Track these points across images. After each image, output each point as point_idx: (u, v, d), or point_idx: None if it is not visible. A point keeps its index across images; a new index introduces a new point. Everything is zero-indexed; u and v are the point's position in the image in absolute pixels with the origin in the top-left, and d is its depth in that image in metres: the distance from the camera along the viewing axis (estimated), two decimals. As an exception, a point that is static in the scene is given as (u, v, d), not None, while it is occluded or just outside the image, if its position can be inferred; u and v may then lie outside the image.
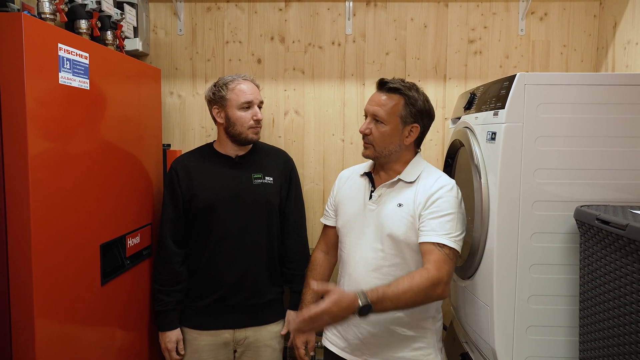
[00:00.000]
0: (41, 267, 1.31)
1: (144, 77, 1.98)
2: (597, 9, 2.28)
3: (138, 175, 1.93)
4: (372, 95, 1.61)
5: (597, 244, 1.23)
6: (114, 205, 1.72)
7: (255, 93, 1.88)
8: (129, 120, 1.84)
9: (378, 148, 1.57)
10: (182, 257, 1.92)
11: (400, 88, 1.54)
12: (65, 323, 1.43)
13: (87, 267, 1.56)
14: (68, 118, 1.43)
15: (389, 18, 2.34)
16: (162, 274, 1.92)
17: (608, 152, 1.40)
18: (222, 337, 1.90)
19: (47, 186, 1.33)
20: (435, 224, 1.45)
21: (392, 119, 1.54)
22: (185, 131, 2.43)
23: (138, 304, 1.93)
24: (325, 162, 2.42)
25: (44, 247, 1.32)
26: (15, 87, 1.22)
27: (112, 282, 1.70)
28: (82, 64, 1.48)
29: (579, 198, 1.40)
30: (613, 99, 1.38)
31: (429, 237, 1.45)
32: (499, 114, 1.45)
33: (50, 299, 1.35)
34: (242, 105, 1.85)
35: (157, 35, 2.39)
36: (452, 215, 1.47)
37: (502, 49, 2.32)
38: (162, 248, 1.93)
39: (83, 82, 1.49)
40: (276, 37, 2.38)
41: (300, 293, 1.85)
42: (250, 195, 1.88)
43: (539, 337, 1.46)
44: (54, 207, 1.37)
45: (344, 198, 1.73)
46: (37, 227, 1.29)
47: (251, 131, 1.87)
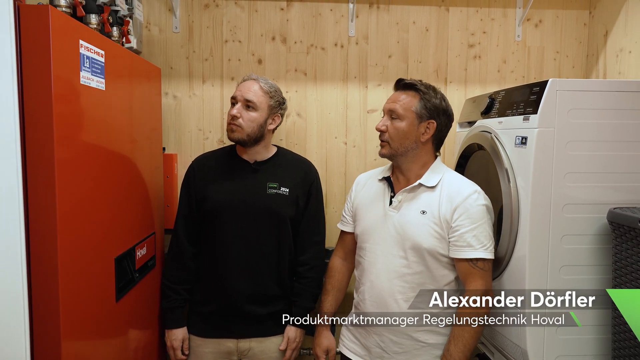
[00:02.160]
0: (66, 288, 1.19)
1: (147, 77, 1.87)
2: (587, 18, 2.39)
3: (142, 181, 1.81)
4: (391, 95, 1.62)
5: (638, 245, 1.28)
6: (124, 214, 1.61)
7: (245, 90, 1.77)
8: (136, 124, 1.73)
9: (394, 144, 1.57)
10: (193, 255, 1.86)
11: (415, 84, 1.56)
12: (84, 344, 1.32)
13: (103, 283, 1.45)
14: (88, 122, 1.32)
15: (392, 21, 2.34)
16: (172, 270, 1.86)
17: (634, 156, 1.46)
18: (225, 346, 1.83)
19: (69, 196, 1.21)
20: (470, 238, 1.47)
21: (408, 113, 1.55)
22: (181, 134, 2.31)
23: (149, 319, 1.81)
24: (327, 165, 2.38)
25: (68, 262, 1.20)
26: (42, 88, 1.10)
27: (125, 298, 1.59)
28: (99, 63, 1.37)
29: (608, 200, 1.46)
30: (638, 104, 1.44)
31: (466, 253, 1.48)
32: (530, 119, 1.48)
33: (73, 320, 1.24)
34: (231, 102, 1.80)
35: (150, 33, 2.26)
36: (483, 224, 1.49)
37: (500, 54, 2.38)
38: (175, 242, 1.87)
39: (100, 82, 1.38)
40: (277, 37, 2.31)
41: (304, 309, 1.82)
42: (261, 205, 1.80)
43: (569, 337, 1.50)
44: (76, 218, 1.25)
45: (362, 203, 1.70)
46: (63, 239, 1.17)
47: (228, 129, 1.78)
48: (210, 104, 2.31)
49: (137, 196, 1.76)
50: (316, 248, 1.92)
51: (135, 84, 1.71)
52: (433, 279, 1.54)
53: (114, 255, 1.51)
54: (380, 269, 1.58)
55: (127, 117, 1.63)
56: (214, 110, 2.31)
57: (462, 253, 1.48)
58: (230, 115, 1.75)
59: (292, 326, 1.85)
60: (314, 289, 1.86)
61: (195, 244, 1.86)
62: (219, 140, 2.33)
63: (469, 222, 1.48)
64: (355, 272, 1.73)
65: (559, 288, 1.48)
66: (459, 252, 1.49)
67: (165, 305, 1.84)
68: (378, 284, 1.58)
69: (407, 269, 1.54)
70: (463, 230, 1.48)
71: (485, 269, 1.49)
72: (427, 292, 1.51)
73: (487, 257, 1.48)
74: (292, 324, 1.85)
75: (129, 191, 1.67)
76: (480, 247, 1.47)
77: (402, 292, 1.54)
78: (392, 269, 1.55)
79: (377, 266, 1.59)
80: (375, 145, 2.37)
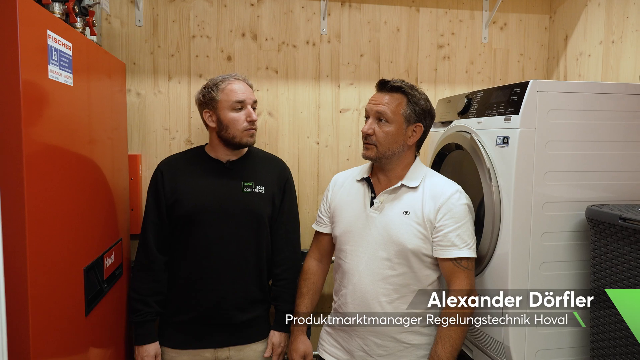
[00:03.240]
0: (36, 304, 1.08)
1: (112, 72, 1.74)
2: (547, 22, 2.48)
3: (107, 184, 1.69)
4: (373, 96, 1.58)
5: (617, 241, 1.33)
6: (92, 220, 1.49)
7: (248, 92, 1.75)
8: (102, 123, 1.61)
9: (381, 148, 1.54)
10: (164, 264, 1.76)
11: (402, 87, 1.54)
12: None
13: (72, 297, 1.33)
14: (56, 122, 1.20)
15: (364, 20, 2.32)
16: (142, 282, 1.74)
17: (610, 155, 1.52)
18: (202, 357, 1.74)
19: (38, 202, 1.10)
20: (454, 238, 1.48)
21: (397, 118, 1.53)
22: (146, 133, 2.19)
23: (117, 333, 1.69)
24: (300, 165, 2.33)
25: (38, 276, 1.09)
26: (8, 85, 0.99)
27: (94, 311, 1.47)
28: (67, 56, 1.25)
29: (584, 198, 1.51)
30: (616, 106, 1.51)
31: (450, 253, 1.48)
32: (511, 119, 1.50)
33: (43, 340, 1.12)
34: (234, 106, 1.70)
35: (111, 25, 2.12)
36: (466, 223, 1.50)
37: (468, 55, 2.43)
38: (144, 253, 1.74)
39: (68, 77, 1.26)
40: (248, 33, 2.23)
41: (285, 312, 1.76)
42: (238, 205, 1.74)
43: (549, 331, 1.54)
44: (45, 226, 1.14)
45: (341, 204, 1.67)
46: (33, 251, 1.06)
47: (246, 134, 1.73)
48: (177, 102, 2.20)
49: (103, 200, 1.63)
50: (293, 247, 1.88)
51: (101, 79, 1.59)
52: (417, 279, 1.53)
53: (82, 265, 1.39)
54: (362, 271, 1.56)
55: (94, 115, 1.51)
56: (181, 109, 2.20)
57: (447, 253, 1.49)
58: (250, 120, 1.74)
59: (277, 331, 1.79)
60: (293, 290, 1.80)
61: (166, 253, 1.76)
62: (186, 140, 2.22)
63: (453, 221, 1.49)
64: (335, 274, 1.69)
65: (540, 284, 1.53)
66: (443, 251, 1.49)
67: (135, 320, 1.72)
68: (361, 286, 1.55)
69: (391, 271, 1.52)
70: (447, 230, 1.49)
71: (469, 267, 1.50)
72: (425, 292, 1.50)
73: (470, 256, 1.49)
74: (275, 329, 1.79)
75: (95, 195, 1.55)
76: (464, 246, 1.48)
77: (386, 295, 1.52)
78: (376, 271, 1.54)
79: (360, 268, 1.56)
80: (348, 145, 2.36)
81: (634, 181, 1.54)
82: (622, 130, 1.52)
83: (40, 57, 1.10)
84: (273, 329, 1.81)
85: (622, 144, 1.52)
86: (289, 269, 1.84)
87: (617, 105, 1.51)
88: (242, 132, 1.71)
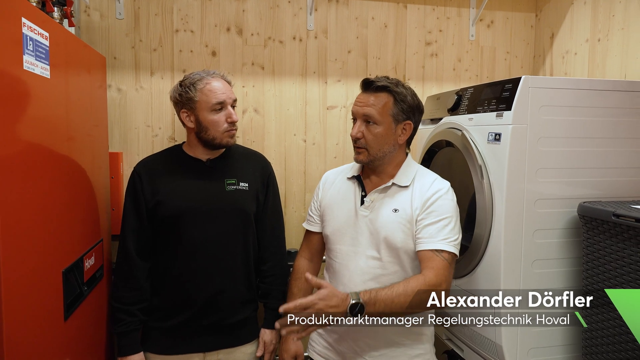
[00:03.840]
0: (10, 309, 1.01)
1: (92, 66, 1.67)
2: (533, 20, 2.49)
3: (88, 183, 1.62)
4: (359, 97, 1.53)
5: (610, 237, 1.32)
6: (71, 220, 1.42)
7: (228, 91, 1.68)
8: (81, 118, 1.54)
9: (372, 151, 1.50)
10: (147, 271, 1.68)
11: (387, 86, 1.49)
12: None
13: (50, 301, 1.26)
14: (32, 116, 1.13)
15: (351, 15, 2.29)
16: (124, 291, 1.65)
17: (602, 152, 1.52)
18: None
19: (12, 201, 1.03)
20: (432, 230, 1.42)
21: (385, 118, 1.48)
22: (127, 130, 2.11)
23: (97, 338, 1.62)
24: (286, 164, 2.29)
25: (12, 279, 1.02)
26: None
27: (74, 315, 1.40)
28: (43, 47, 1.18)
29: (577, 195, 1.50)
30: (608, 103, 1.50)
31: (427, 245, 1.41)
32: (503, 116, 1.48)
33: (18, 346, 1.05)
34: (214, 107, 1.63)
35: (90, 18, 2.04)
36: (450, 219, 1.44)
37: (455, 53, 2.42)
38: (124, 261, 1.66)
39: (45, 69, 1.19)
40: (233, 28, 2.18)
41: (277, 309, 1.71)
42: (223, 203, 1.68)
43: (541, 329, 1.53)
44: (20, 226, 1.07)
45: (331, 203, 1.63)
46: (6, 251, 0.99)
47: (226, 135, 1.67)
48: (160, 98, 2.13)
49: (83, 200, 1.56)
50: (278, 243, 1.84)
51: (80, 73, 1.52)
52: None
53: (61, 268, 1.32)
54: (353, 270, 1.52)
55: (72, 110, 1.44)
56: (164, 105, 2.13)
57: (425, 245, 1.41)
58: (231, 121, 1.66)
59: (267, 329, 1.75)
60: (281, 286, 1.77)
61: (148, 258, 1.69)
62: (169, 137, 2.16)
63: (435, 214, 1.43)
64: (326, 274, 1.66)
65: (532, 282, 1.52)
66: (420, 243, 1.42)
67: (118, 330, 1.63)
68: (351, 286, 1.51)
69: (382, 270, 1.49)
70: (427, 222, 1.42)
71: (448, 260, 1.40)
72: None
73: (450, 250, 1.40)
74: (266, 327, 1.75)
75: (74, 194, 1.48)
76: (442, 239, 1.40)
77: None
78: (366, 270, 1.50)
79: (350, 268, 1.53)
80: (335, 143, 2.32)
81: (625, 178, 1.54)
82: (614, 127, 1.52)
83: (15, 46, 1.03)
84: (264, 327, 1.77)
85: (613, 141, 1.52)
86: (275, 265, 1.80)
87: (609, 102, 1.50)
88: (222, 133, 1.65)
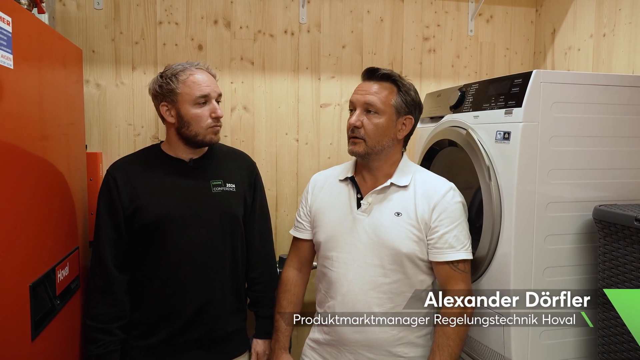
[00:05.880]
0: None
1: (66, 59, 1.53)
2: (534, 16, 2.40)
3: (62, 186, 1.48)
4: (360, 85, 1.44)
5: (631, 244, 1.23)
6: (41, 227, 1.28)
7: (213, 85, 1.55)
8: (53, 115, 1.40)
9: (371, 143, 1.40)
10: (125, 285, 1.53)
11: (392, 75, 1.42)
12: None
13: (14, 319, 1.12)
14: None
15: (345, 9, 2.18)
16: (101, 307, 1.50)
17: (617, 152, 1.43)
18: None
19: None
20: (451, 239, 1.37)
21: (388, 108, 1.40)
22: (107, 129, 1.97)
23: (72, 355, 1.48)
24: (278, 164, 2.17)
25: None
26: None
27: (44, 333, 1.26)
28: (5, 33, 1.05)
29: (591, 197, 1.41)
30: (625, 99, 1.41)
31: (447, 256, 1.37)
32: (513, 113, 1.39)
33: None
34: (197, 101, 1.50)
35: (66, 8, 1.89)
36: (462, 222, 1.40)
37: (454, 49, 2.32)
38: (100, 274, 1.50)
39: (6, 57, 1.06)
40: (220, 20, 2.05)
41: (269, 318, 1.60)
42: (209, 206, 1.55)
43: (553, 341, 1.44)
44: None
45: (322, 207, 1.52)
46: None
47: (210, 131, 1.54)
48: (142, 94, 1.99)
49: (56, 204, 1.43)
50: (267, 247, 1.72)
51: (54, 65, 1.39)
52: (411, 286, 1.40)
53: (28, 282, 1.18)
54: (352, 280, 1.41)
55: (45, 107, 1.31)
56: (147, 102, 1.99)
57: (443, 255, 1.37)
58: (215, 116, 1.55)
59: (260, 339, 1.64)
60: (273, 293, 1.65)
61: (127, 270, 1.54)
62: (152, 136, 2.02)
63: (449, 221, 1.37)
64: (318, 284, 1.54)
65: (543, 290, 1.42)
66: (440, 254, 1.38)
67: (96, 352, 1.48)
68: (351, 297, 1.41)
69: (384, 278, 1.39)
70: (443, 230, 1.37)
71: (465, 270, 1.39)
72: (422, 292, 1.40)
73: (467, 258, 1.38)
74: (258, 337, 1.64)
75: (46, 199, 1.34)
76: (461, 248, 1.38)
77: (379, 305, 1.39)
78: (367, 279, 1.40)
79: (349, 277, 1.42)
80: (329, 143, 2.21)
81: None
82: (631, 125, 1.43)
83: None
84: (255, 337, 1.66)
85: (630, 140, 1.43)
86: (265, 271, 1.69)
87: (626, 99, 1.42)
88: (205, 129, 1.52)
